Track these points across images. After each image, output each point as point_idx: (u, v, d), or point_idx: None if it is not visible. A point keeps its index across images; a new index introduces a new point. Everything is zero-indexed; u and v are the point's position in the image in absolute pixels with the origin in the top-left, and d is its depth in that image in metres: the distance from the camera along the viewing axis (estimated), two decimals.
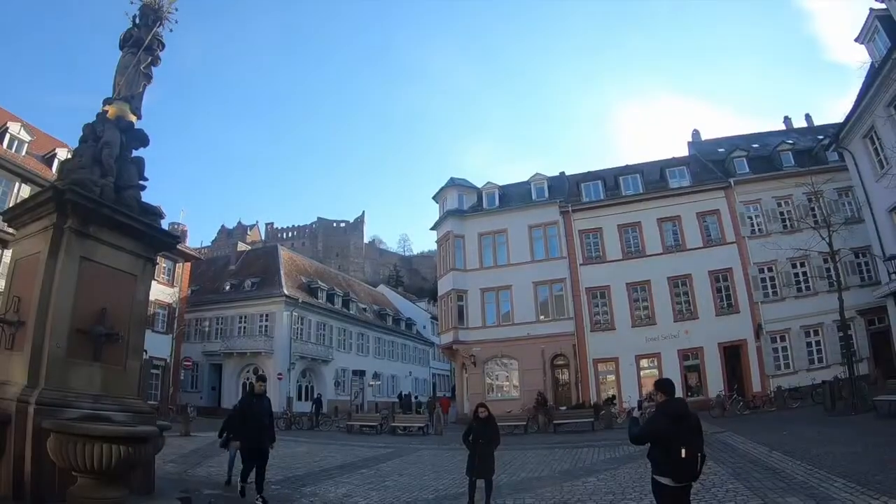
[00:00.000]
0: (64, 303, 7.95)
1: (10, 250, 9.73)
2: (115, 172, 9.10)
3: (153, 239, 9.57)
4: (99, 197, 8.56)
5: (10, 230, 25.30)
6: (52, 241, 8.11)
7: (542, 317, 38.42)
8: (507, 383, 39.29)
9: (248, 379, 47.85)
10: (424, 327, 77.73)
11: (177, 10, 10.74)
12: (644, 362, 35.47)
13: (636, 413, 7.39)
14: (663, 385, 6.77)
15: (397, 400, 54.48)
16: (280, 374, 45.32)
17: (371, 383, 54.48)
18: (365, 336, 60.60)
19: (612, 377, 35.81)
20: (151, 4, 10.45)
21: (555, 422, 28.69)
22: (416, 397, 56.48)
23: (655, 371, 34.55)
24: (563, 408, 33.13)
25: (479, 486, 10.63)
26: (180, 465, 16.17)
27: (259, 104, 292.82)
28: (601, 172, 42.43)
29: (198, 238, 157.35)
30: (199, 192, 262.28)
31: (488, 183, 44.31)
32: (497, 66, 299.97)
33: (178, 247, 39.44)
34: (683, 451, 6.02)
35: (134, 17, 10.40)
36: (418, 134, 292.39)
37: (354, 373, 54.65)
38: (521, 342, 37.71)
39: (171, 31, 10.69)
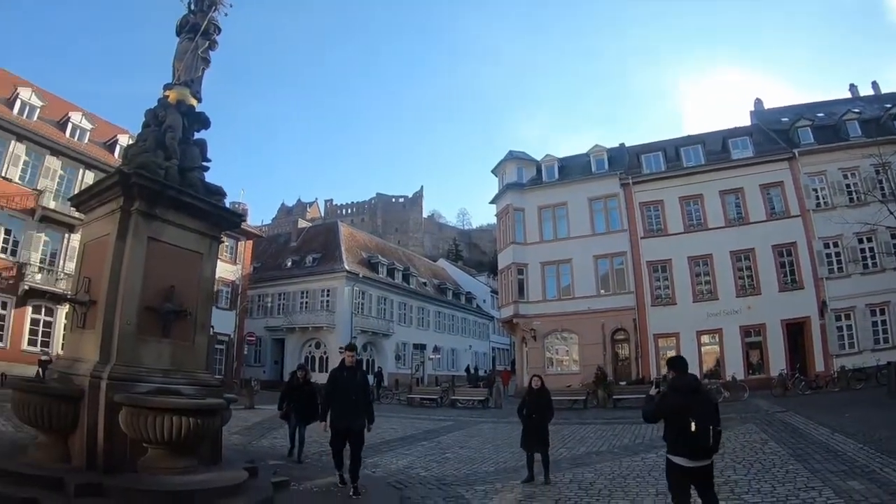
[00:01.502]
0: (133, 282, 8.26)
1: (80, 234, 10.08)
2: (178, 155, 9.34)
3: (218, 218, 9.81)
4: (164, 179, 8.82)
5: (78, 215, 26.52)
6: (120, 223, 8.39)
7: (602, 291, 38.05)
8: (567, 358, 39.12)
9: (310, 353, 48.77)
10: (484, 301, 77.78)
11: None
12: (705, 338, 34.91)
13: (653, 391, 7.49)
14: (675, 362, 6.84)
15: (465, 373, 55.03)
16: (342, 347, 45.48)
17: (431, 357, 54.74)
18: (425, 310, 61.05)
19: (672, 353, 33.67)
20: None
21: (614, 397, 28.54)
22: (485, 371, 56.55)
23: (717, 347, 34.22)
24: (623, 383, 32.85)
25: (538, 459, 10.69)
26: (245, 436, 16.64)
27: (316, 83, 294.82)
28: (662, 143, 41.63)
29: (258, 216, 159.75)
30: (258, 171, 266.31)
31: (547, 155, 43.97)
32: (552, 38, 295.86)
33: (240, 225, 40.26)
34: (693, 424, 5.98)
35: (189, 3, 10.61)
36: (474, 108, 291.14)
37: (415, 346, 54.98)
38: (581, 316, 37.53)
39: (226, 14, 10.83)
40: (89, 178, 33.86)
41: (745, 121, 46.37)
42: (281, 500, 8.08)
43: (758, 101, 45.27)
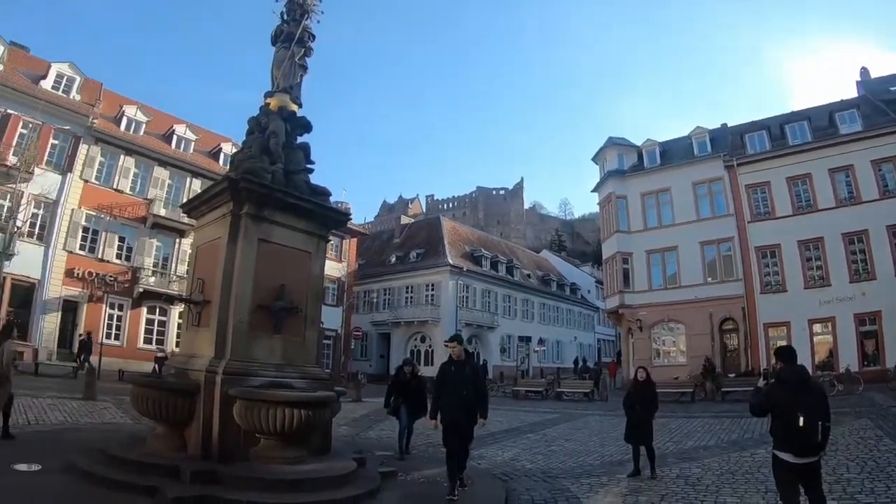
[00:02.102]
0: (245, 282, 8.70)
1: (190, 238, 10.61)
2: (283, 159, 9.74)
3: (324, 217, 10.16)
4: (270, 183, 9.22)
5: (187, 220, 27.76)
6: (230, 226, 8.87)
7: (709, 278, 36.85)
8: (674, 349, 38.31)
9: (415, 347, 49.38)
10: (589, 292, 76.69)
11: (321, 1, 11.21)
12: (817, 327, 32.97)
13: (761, 383, 7.16)
14: (782, 352, 6.60)
15: (573, 365, 54.63)
16: (447, 341, 45.60)
17: (536, 349, 54.44)
18: (529, 302, 60.64)
19: (783, 342, 31.73)
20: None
21: (722, 389, 27.65)
22: (594, 363, 55.99)
23: (829, 337, 32.36)
24: (732, 375, 31.84)
25: (644, 453, 10.57)
26: (353, 427, 17.02)
27: (412, 81, 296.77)
28: (765, 121, 39.48)
29: (361, 214, 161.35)
30: (359, 170, 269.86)
31: (648, 140, 43.00)
32: (644, 21, 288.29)
33: (346, 223, 41.22)
34: (802, 419, 5.74)
35: (281, 13, 11.01)
36: (570, 96, 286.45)
37: (520, 339, 54.85)
38: (688, 305, 36.58)
39: (318, 21, 11.17)
40: (196, 185, 36.52)
41: (850, 92, 43.61)
42: (388, 489, 8.29)
43: (864, 71, 42.00)
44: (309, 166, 10.40)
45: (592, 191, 45.17)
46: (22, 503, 6.61)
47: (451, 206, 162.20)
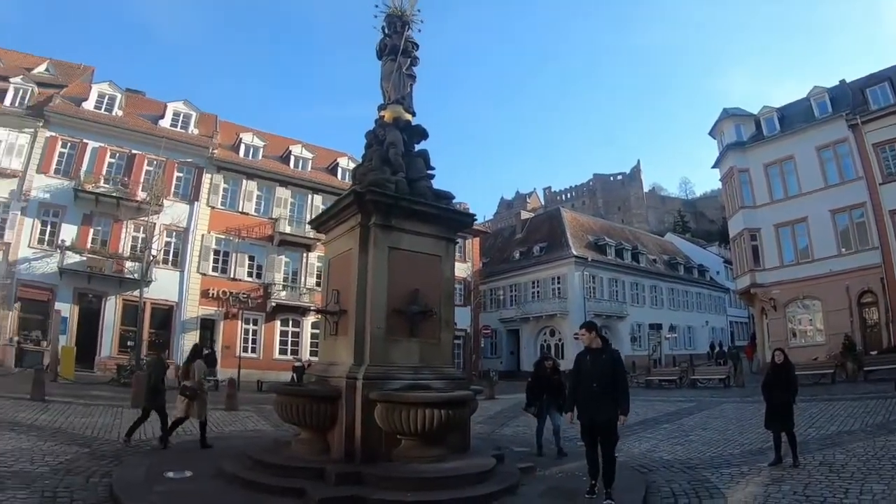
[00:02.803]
0: (379, 289, 9.02)
1: (317, 252, 11.06)
2: (403, 168, 10.02)
3: (450, 221, 10.36)
4: (395, 192, 9.51)
5: (312, 235, 28.90)
6: (360, 238, 9.23)
7: (843, 249, 34.49)
8: (811, 327, 36.24)
9: (544, 341, 49.27)
10: (718, 273, 73.95)
11: (419, 10, 11.40)
12: None
13: None
14: None
15: (708, 351, 53.41)
16: (576, 333, 45.00)
17: (667, 336, 53.28)
18: (657, 288, 59.19)
19: None
20: (395, 13, 11.20)
21: (864, 368, 25.98)
22: (729, 347, 54.19)
23: None
24: (874, 352, 29.73)
25: (785, 439, 10.21)
26: (488, 425, 17.15)
27: (516, 76, 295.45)
28: (886, 72, 36.13)
29: (480, 213, 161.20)
30: (470, 170, 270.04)
31: (765, 107, 40.90)
32: None
33: (472, 224, 41.86)
34: None
35: (383, 27, 11.28)
36: (676, 72, 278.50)
37: (650, 327, 53.89)
38: (822, 280, 34.53)
39: (419, 31, 11.36)
40: (317, 201, 38.78)
41: None
42: (527, 484, 8.34)
43: None
44: (430, 172, 10.61)
45: (713, 167, 43.75)
46: None
47: (569, 196, 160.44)
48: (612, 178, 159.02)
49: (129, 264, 33.36)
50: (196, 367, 11.91)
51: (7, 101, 34.86)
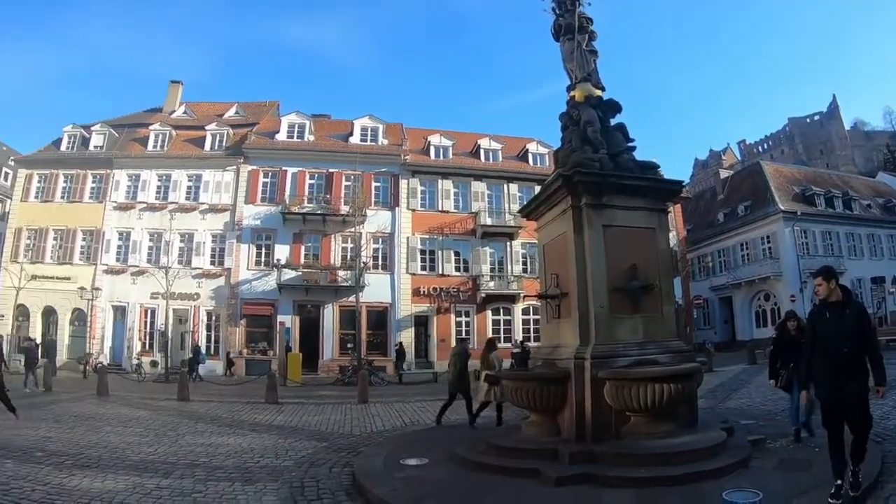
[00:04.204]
0: (598, 269, 9.00)
1: (537, 239, 11.12)
2: (604, 144, 9.89)
3: (659, 191, 10.10)
4: (600, 170, 9.46)
5: (513, 223, 29.65)
6: (573, 220, 9.24)
7: None
8: None
9: (759, 307, 47.06)
10: None
11: None
12: None
13: None
14: None
15: None
16: (793, 295, 42.99)
17: (892, 290, 48.71)
18: (875, 237, 53.09)
19: None
20: None
21: None
22: None
23: None
24: None
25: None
26: (710, 399, 16.53)
27: (695, 30, 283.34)
28: None
29: (676, 178, 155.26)
30: (658, 133, 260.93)
31: None
32: None
33: (681, 192, 41.10)
34: None
35: (553, 8, 11.19)
36: None
37: (872, 281, 49.61)
38: None
39: (589, 4, 11.08)
40: (513, 189, 40.03)
41: None
42: (758, 458, 8.02)
43: None
44: (630, 145, 10.41)
45: None
46: (418, 489, 7.61)
47: (765, 147, 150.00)
48: (808, 120, 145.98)
49: (341, 273, 36.00)
50: (494, 357, 13.42)
51: (207, 147, 40.47)
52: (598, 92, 10.66)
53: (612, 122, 10.63)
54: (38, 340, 30.22)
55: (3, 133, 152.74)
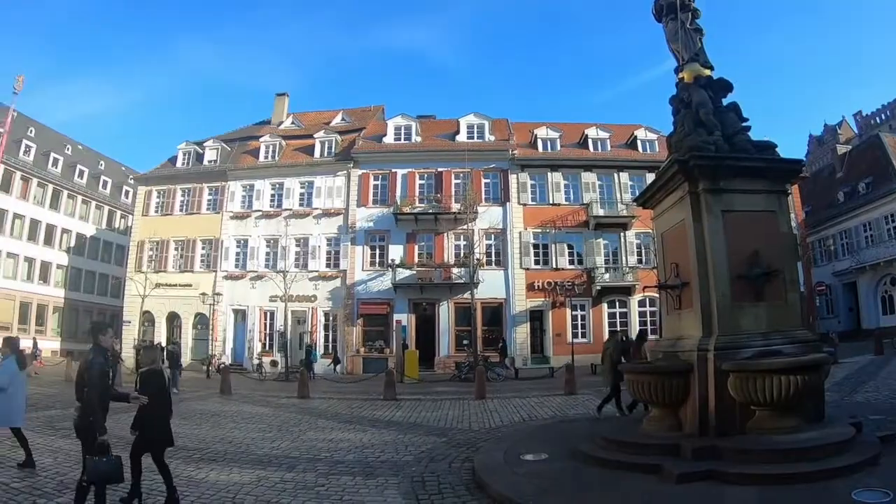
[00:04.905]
0: (719, 256, 8.69)
1: (654, 228, 10.86)
2: (718, 126, 9.54)
3: (778, 172, 9.63)
4: (715, 153, 9.12)
5: (626, 213, 29.51)
6: (691, 206, 8.97)
7: None
8: None
9: (886, 293, 44.03)
10: None
11: None
12: None
13: None
14: None
15: None
16: None
17: None
18: None
19: None
20: None
21: None
22: None
23: None
24: None
25: None
26: (835, 392, 15.70)
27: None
28: None
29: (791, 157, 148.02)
30: (767, 109, 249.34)
31: None
32: None
33: (800, 171, 39.49)
34: None
35: None
36: None
37: None
38: None
39: None
40: (624, 178, 39.46)
41: None
42: (888, 456, 7.45)
43: None
44: (745, 125, 9.96)
45: None
46: (539, 485, 7.53)
47: (884, 117, 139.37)
48: None
49: (455, 270, 36.36)
50: (645, 348, 13.88)
51: (316, 154, 42.52)
52: (707, 71, 10.28)
53: (724, 101, 10.23)
54: (164, 344, 31.82)
55: (121, 154, 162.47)
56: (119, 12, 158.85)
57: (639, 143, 41.61)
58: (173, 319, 41.74)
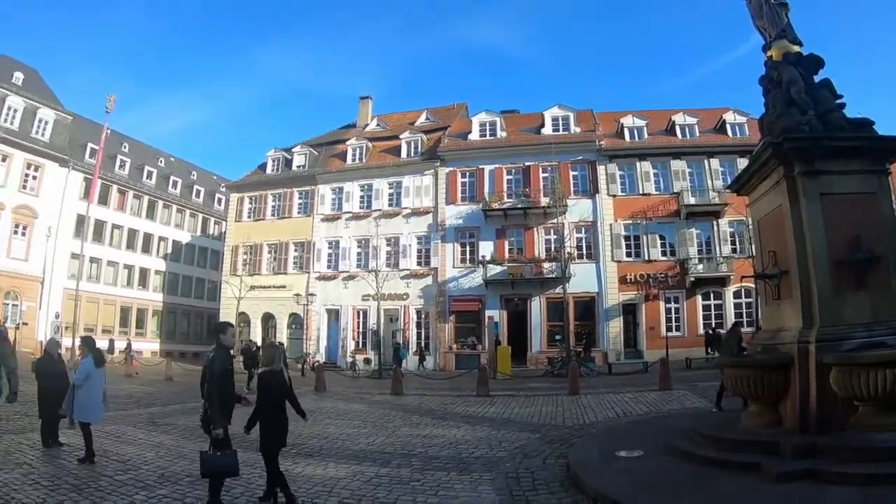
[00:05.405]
0: (818, 242, 8.22)
1: (750, 215, 10.38)
2: (810, 104, 9.04)
3: (876, 150, 9.02)
4: (809, 134, 8.66)
5: (717, 201, 28.89)
6: (788, 190, 8.53)
7: None
8: None
9: None
10: None
11: None
12: None
13: None
14: None
15: None
16: None
17: None
18: None
19: None
20: None
21: None
22: None
23: None
24: None
25: None
26: None
27: None
28: None
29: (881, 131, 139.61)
30: (854, 80, 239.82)
31: None
32: None
33: None
34: None
35: None
36: None
37: None
38: None
39: None
40: (714, 164, 38.10)
41: None
42: None
43: None
44: (839, 102, 9.36)
45: None
46: (634, 482, 7.41)
47: None
48: None
49: (546, 265, 36.20)
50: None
51: (403, 154, 43.08)
52: (796, 48, 9.76)
53: (816, 78, 9.67)
54: (259, 343, 33.28)
55: (212, 164, 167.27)
56: (197, 35, 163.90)
57: (728, 127, 40.03)
58: (268, 320, 43.18)
